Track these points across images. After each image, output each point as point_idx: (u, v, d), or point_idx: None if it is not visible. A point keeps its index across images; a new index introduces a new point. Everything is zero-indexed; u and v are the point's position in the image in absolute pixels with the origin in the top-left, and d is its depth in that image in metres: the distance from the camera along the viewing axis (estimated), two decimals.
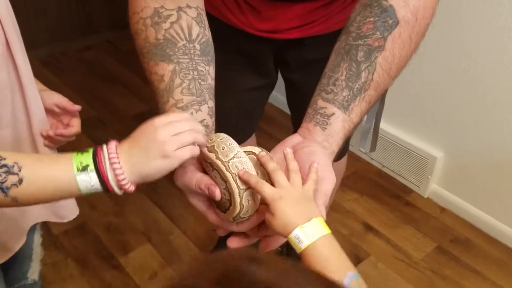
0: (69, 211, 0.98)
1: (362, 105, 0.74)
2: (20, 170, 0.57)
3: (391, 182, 2.04)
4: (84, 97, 2.43)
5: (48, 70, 2.63)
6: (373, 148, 1.31)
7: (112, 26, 3.02)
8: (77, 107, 0.87)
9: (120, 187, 0.60)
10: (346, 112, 0.72)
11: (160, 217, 1.84)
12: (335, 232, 1.78)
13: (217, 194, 0.61)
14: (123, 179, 0.60)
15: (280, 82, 1.24)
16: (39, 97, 0.83)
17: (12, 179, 0.57)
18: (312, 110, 0.74)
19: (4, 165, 0.57)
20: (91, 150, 0.60)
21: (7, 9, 0.74)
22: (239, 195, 0.61)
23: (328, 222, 0.61)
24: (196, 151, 0.61)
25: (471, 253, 1.73)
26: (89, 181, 0.59)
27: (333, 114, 0.72)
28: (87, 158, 0.59)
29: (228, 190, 0.62)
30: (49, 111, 0.86)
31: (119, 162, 0.60)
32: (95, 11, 2.98)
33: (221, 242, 1.66)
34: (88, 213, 1.81)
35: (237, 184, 0.61)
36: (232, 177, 0.61)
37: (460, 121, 1.76)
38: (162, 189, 1.94)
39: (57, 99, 0.87)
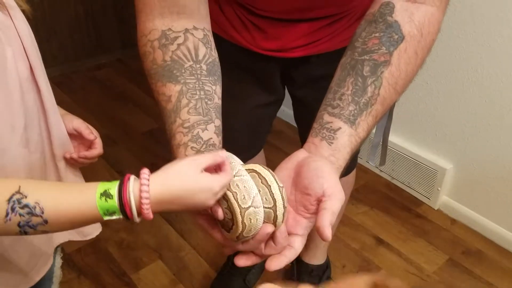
0: (92, 228, 0.99)
1: (369, 120, 0.73)
2: (42, 213, 0.57)
3: (401, 194, 2.03)
4: (95, 115, 2.47)
5: (59, 89, 2.67)
6: (382, 162, 1.31)
7: (123, 45, 3.07)
8: (93, 137, 0.88)
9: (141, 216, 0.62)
10: (353, 126, 0.72)
11: (170, 233, 1.86)
12: (346, 246, 1.79)
13: (219, 213, 0.61)
14: (147, 213, 0.60)
15: (288, 96, 1.25)
16: (61, 121, 0.85)
17: (37, 220, 0.57)
18: (318, 124, 0.74)
19: (26, 205, 0.57)
20: (117, 184, 0.61)
21: (30, 36, 0.76)
22: (240, 214, 0.60)
23: (339, 236, 0.61)
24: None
25: (483, 265, 1.72)
26: (113, 216, 0.61)
27: (340, 128, 0.71)
28: (112, 188, 0.61)
29: (229, 209, 0.61)
30: (71, 135, 0.88)
31: (148, 203, 0.60)
32: (106, 31, 3.03)
33: (232, 259, 1.67)
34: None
35: (238, 203, 0.60)
36: (233, 196, 0.60)
37: (468, 132, 1.76)
38: None
39: (76, 124, 0.88)
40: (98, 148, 0.90)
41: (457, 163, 1.84)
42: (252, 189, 0.61)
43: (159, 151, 2.29)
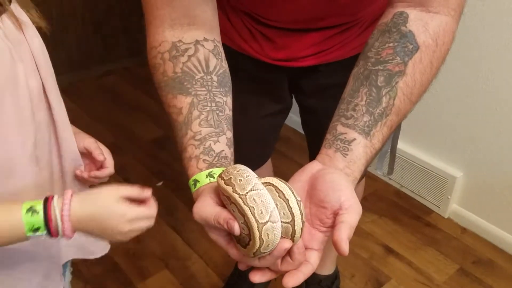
0: (97, 246, 0.99)
1: (384, 131, 0.72)
2: None
3: (411, 203, 2.01)
4: (102, 123, 2.47)
5: (67, 97, 2.67)
6: (390, 171, 1.29)
7: (130, 53, 3.08)
8: (102, 158, 0.88)
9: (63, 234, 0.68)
10: (368, 137, 0.70)
11: (177, 242, 1.84)
12: (355, 255, 1.77)
13: (236, 229, 0.59)
14: (68, 236, 0.67)
15: (295, 102, 1.24)
16: (73, 137, 0.85)
17: None
18: (331, 136, 0.71)
19: None
20: (41, 211, 0.66)
21: (43, 52, 0.75)
22: (258, 230, 0.58)
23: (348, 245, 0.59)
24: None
25: (494, 275, 1.69)
26: (38, 234, 0.66)
27: (354, 139, 0.69)
28: (38, 220, 0.65)
29: (246, 224, 0.59)
30: (82, 153, 0.88)
31: (69, 221, 0.67)
32: (113, 39, 3.04)
33: (238, 269, 1.65)
34: None
35: (255, 218, 0.58)
36: (250, 211, 0.58)
37: (479, 140, 1.74)
38: (179, 213, 1.94)
39: (87, 143, 0.88)
40: (109, 168, 0.90)
41: (467, 171, 1.82)
42: (269, 204, 0.59)
43: (165, 158, 2.28)
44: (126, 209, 0.70)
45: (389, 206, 2.00)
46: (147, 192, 0.73)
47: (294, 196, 0.60)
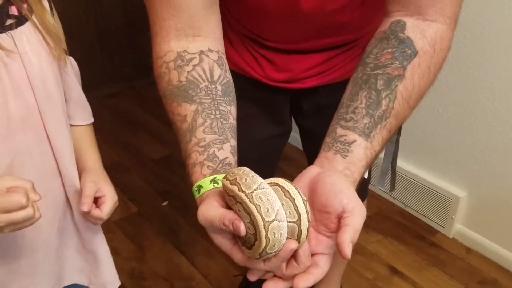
0: (108, 278, 0.98)
1: (383, 133, 0.71)
2: None
3: (415, 223, 2.01)
4: (108, 142, 2.48)
5: None
6: (392, 187, 1.30)
7: (136, 73, 3.11)
8: (84, 208, 0.81)
9: None
10: (368, 139, 0.69)
11: (181, 262, 1.84)
12: (360, 276, 1.76)
13: (242, 228, 0.57)
14: None
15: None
16: (73, 164, 0.84)
17: None
18: (330, 139, 0.71)
19: None
20: None
21: (40, 74, 0.76)
22: (264, 228, 0.56)
23: (352, 265, 0.59)
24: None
25: None
26: None
27: (355, 141, 0.69)
28: None
29: (252, 223, 0.57)
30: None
31: None
32: (119, 59, 3.07)
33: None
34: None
35: (261, 216, 0.56)
36: (256, 209, 0.56)
37: (482, 160, 1.74)
38: (184, 233, 1.94)
39: (82, 183, 0.86)
40: (103, 210, 0.84)
41: (471, 191, 1.82)
42: (275, 202, 0.57)
43: (171, 178, 2.29)
44: None
45: (393, 226, 1.99)
46: (20, 182, 0.68)
47: (300, 195, 0.59)
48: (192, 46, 0.77)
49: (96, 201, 0.85)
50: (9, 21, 0.71)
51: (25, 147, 0.76)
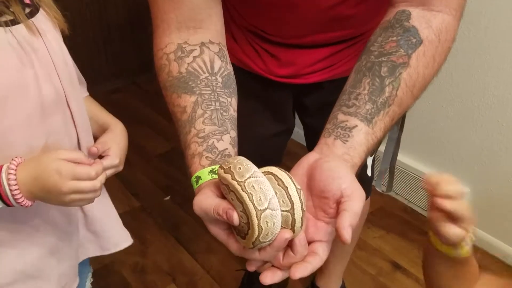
0: (113, 244, 1.00)
1: (386, 120, 0.70)
2: None
3: (418, 218, 2.00)
4: None
5: None
6: (389, 188, 1.28)
7: (139, 69, 3.11)
8: (94, 150, 0.85)
9: (16, 201, 0.69)
10: (370, 125, 0.68)
11: (184, 256, 1.85)
12: (362, 271, 1.76)
13: (235, 218, 0.56)
14: (19, 199, 0.69)
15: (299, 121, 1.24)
16: (92, 141, 0.87)
17: None
18: (331, 125, 0.70)
19: None
20: None
21: (63, 58, 0.78)
22: (256, 217, 0.56)
23: (354, 261, 0.58)
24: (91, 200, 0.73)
25: None
26: None
27: (356, 126, 0.68)
28: None
29: (245, 212, 0.57)
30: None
31: (16, 185, 0.69)
32: (122, 55, 3.08)
33: (245, 283, 1.65)
34: (114, 253, 1.83)
35: (253, 204, 0.56)
36: (249, 197, 0.56)
37: (485, 156, 1.74)
38: (186, 228, 1.95)
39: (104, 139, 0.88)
40: (110, 156, 0.86)
41: (474, 187, 1.81)
42: (268, 191, 0.57)
43: (173, 173, 2.30)
44: (61, 165, 0.70)
45: (396, 222, 1.99)
46: (82, 156, 0.73)
47: (294, 184, 0.58)
48: (193, 38, 0.77)
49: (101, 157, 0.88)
50: (27, 10, 0.73)
51: (56, 128, 0.78)
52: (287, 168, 0.62)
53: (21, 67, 0.70)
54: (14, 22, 0.70)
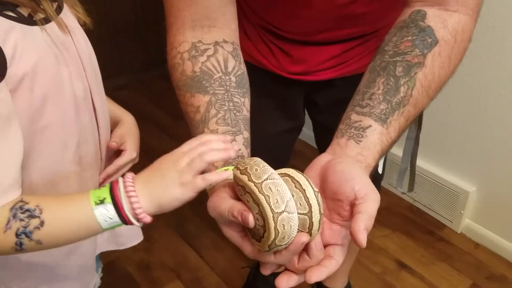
0: (126, 238, 1.00)
1: (401, 120, 0.68)
2: (41, 213, 0.58)
3: (423, 217, 2.00)
4: None
5: None
6: (411, 188, 1.26)
7: (144, 66, 3.12)
8: (113, 145, 0.86)
9: (136, 217, 0.60)
10: (384, 125, 0.67)
11: (189, 253, 1.85)
12: (368, 270, 1.75)
13: (250, 220, 0.55)
14: (138, 208, 0.59)
15: (307, 117, 1.23)
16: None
17: (34, 222, 0.58)
18: (344, 125, 0.68)
19: (27, 210, 0.58)
20: (108, 184, 0.61)
21: (89, 56, 0.78)
22: (273, 219, 0.54)
23: (360, 259, 0.57)
24: (211, 178, 0.60)
25: None
26: (106, 214, 0.59)
27: (370, 126, 0.66)
28: (104, 191, 0.60)
29: (261, 214, 0.56)
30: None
31: (134, 191, 0.60)
32: (128, 52, 3.08)
33: (251, 280, 1.65)
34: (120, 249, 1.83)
35: (270, 207, 0.54)
36: (266, 199, 0.55)
37: (492, 155, 1.73)
38: (191, 225, 1.95)
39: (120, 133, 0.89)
40: (128, 151, 0.88)
41: (481, 186, 1.81)
42: (286, 193, 0.55)
43: None
44: (175, 150, 0.65)
45: (402, 221, 1.98)
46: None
47: (311, 186, 0.57)
48: (207, 37, 0.76)
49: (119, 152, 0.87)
50: (54, 5, 0.72)
51: (85, 125, 0.78)
52: (293, 166, 0.61)
53: (57, 66, 0.69)
54: (46, 20, 0.69)
